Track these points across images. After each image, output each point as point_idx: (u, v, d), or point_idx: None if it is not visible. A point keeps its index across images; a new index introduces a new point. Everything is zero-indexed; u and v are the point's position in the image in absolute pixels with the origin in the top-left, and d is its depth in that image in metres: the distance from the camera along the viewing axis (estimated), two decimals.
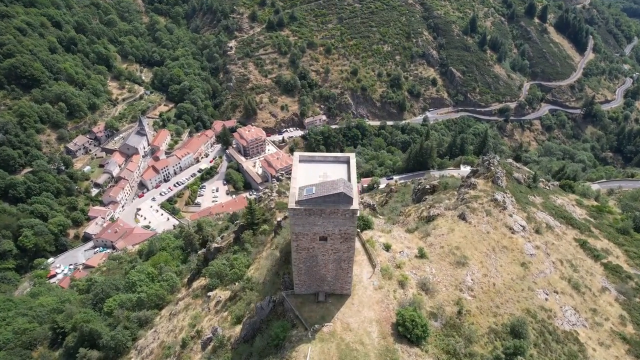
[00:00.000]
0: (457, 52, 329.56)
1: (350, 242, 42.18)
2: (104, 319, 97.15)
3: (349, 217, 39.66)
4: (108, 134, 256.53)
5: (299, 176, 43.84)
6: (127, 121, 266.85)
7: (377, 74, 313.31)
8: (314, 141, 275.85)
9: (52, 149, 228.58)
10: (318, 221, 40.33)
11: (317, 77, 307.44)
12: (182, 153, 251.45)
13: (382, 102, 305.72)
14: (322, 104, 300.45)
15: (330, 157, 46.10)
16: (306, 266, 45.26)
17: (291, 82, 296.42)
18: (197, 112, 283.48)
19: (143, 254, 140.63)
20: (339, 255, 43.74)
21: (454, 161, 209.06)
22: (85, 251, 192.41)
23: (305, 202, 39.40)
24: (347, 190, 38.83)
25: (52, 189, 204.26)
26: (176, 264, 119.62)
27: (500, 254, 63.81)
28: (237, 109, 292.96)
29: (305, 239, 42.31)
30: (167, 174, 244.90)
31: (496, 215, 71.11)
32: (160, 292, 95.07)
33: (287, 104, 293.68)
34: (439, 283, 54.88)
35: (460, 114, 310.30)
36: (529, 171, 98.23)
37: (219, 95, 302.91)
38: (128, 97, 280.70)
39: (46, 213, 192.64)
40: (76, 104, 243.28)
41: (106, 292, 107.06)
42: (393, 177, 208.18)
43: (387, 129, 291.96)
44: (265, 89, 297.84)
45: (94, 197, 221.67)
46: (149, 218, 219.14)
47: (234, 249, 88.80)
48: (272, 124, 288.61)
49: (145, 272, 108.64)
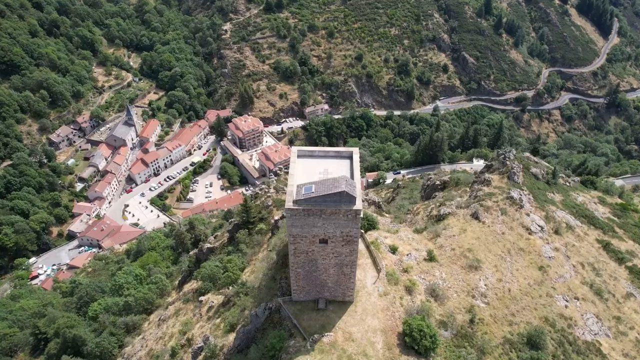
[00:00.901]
0: (471, 36, 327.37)
1: (353, 245, 41.60)
2: (89, 324, 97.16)
3: (351, 218, 39.06)
4: (93, 125, 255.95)
5: (297, 173, 43.11)
6: (114, 110, 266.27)
7: (383, 59, 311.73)
8: (315, 132, 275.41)
9: (33, 140, 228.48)
10: (318, 222, 39.75)
11: (318, 63, 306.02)
12: (173, 145, 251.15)
13: (389, 90, 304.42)
14: (324, 92, 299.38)
15: (331, 152, 45.36)
16: (305, 271, 44.72)
17: (291, 68, 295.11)
18: (190, 101, 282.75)
19: (131, 254, 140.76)
20: (341, 259, 43.18)
21: (467, 154, 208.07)
22: (69, 250, 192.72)
23: (303, 202, 38.78)
24: (349, 189, 38.17)
25: (34, 184, 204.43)
26: (166, 265, 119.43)
27: (516, 256, 63.13)
28: (233, 97, 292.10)
29: (303, 241, 41.74)
30: (157, 167, 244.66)
31: (512, 215, 70.36)
32: (148, 295, 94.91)
33: (286, 92, 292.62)
34: (449, 289, 54.27)
35: (473, 103, 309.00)
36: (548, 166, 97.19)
37: (212, 83, 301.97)
38: (115, 84, 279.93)
39: (27, 209, 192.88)
40: (59, 91, 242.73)
41: (91, 295, 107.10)
42: (400, 171, 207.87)
43: (394, 119, 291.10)
44: (263, 75, 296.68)
45: (79, 193, 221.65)
46: (138, 215, 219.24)
47: (228, 249, 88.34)
48: (270, 114, 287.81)
49: (133, 273, 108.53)
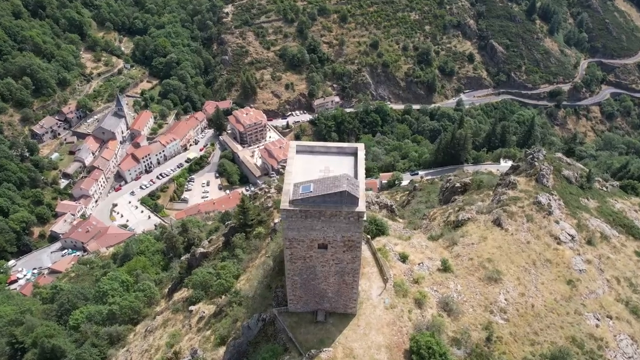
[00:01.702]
0: (500, 22, 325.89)
1: (356, 251, 41.69)
2: (70, 333, 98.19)
3: (353, 221, 39.14)
4: (80, 115, 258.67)
5: (296, 170, 43.17)
6: (102, 100, 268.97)
7: (402, 47, 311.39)
8: (324, 127, 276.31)
9: (14, 131, 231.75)
10: (316, 225, 39.88)
11: (329, 51, 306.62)
12: (167, 139, 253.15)
13: (407, 81, 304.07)
14: (335, 83, 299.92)
15: (333, 148, 45.42)
16: (302, 279, 44.84)
17: (298, 56, 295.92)
18: (186, 91, 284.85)
19: (117, 258, 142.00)
20: (342, 266, 43.28)
21: (493, 154, 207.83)
22: (51, 253, 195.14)
23: (300, 202, 38.93)
24: (351, 189, 38.27)
25: (14, 179, 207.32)
26: (155, 271, 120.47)
27: (542, 268, 62.80)
28: (234, 87, 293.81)
29: (300, 246, 41.89)
30: (149, 163, 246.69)
31: (539, 222, 69.99)
32: (135, 304, 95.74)
33: (292, 83, 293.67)
34: (464, 303, 54.13)
35: (501, 97, 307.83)
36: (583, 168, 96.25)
37: (212, 71, 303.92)
38: (104, 71, 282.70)
39: (7, 207, 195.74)
40: (43, 78, 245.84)
41: (73, 302, 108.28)
42: (418, 172, 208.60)
43: (412, 114, 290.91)
44: (267, 63, 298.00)
45: (63, 190, 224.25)
46: (127, 216, 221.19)
47: (222, 255, 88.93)
48: (274, 106, 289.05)
49: (118, 279, 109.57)
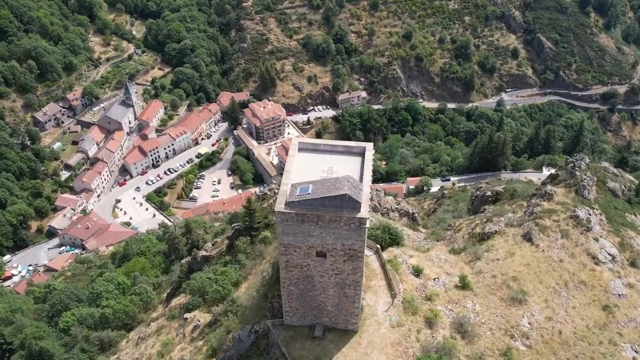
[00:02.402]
0: (549, 15, 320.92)
1: (357, 262, 41.55)
2: (60, 336, 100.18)
3: (354, 228, 39.00)
4: (86, 103, 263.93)
5: (296, 169, 43.50)
6: (110, 87, 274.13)
7: (437, 39, 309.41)
8: (348, 125, 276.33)
9: (16, 118, 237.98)
10: (314, 231, 39.93)
11: (357, 41, 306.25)
12: (177, 132, 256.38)
13: (442, 77, 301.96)
14: (362, 77, 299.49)
15: (339, 147, 45.61)
16: (299, 289, 44.91)
17: (323, 45, 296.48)
18: (200, 80, 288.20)
19: (116, 258, 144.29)
20: (343, 277, 43.20)
21: (535, 161, 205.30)
22: (48, 249, 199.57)
23: (297, 205, 39.02)
24: (353, 192, 38.14)
25: (14, 169, 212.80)
26: (155, 273, 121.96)
27: (574, 291, 61.71)
28: (251, 78, 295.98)
29: (297, 253, 41.99)
30: (156, 157, 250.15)
31: (575, 238, 68.85)
32: (129, 308, 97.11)
33: (316, 75, 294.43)
34: (482, 324, 53.46)
35: (548, 98, 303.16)
36: (633, 180, 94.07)
37: (228, 60, 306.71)
38: (114, 56, 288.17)
39: (5, 198, 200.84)
40: (49, 62, 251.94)
41: (65, 303, 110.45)
42: (450, 178, 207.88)
43: (447, 113, 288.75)
44: (289, 53, 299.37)
45: (64, 183, 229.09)
46: (131, 213, 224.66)
47: (224, 259, 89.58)
48: (295, 100, 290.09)
49: (115, 281, 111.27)
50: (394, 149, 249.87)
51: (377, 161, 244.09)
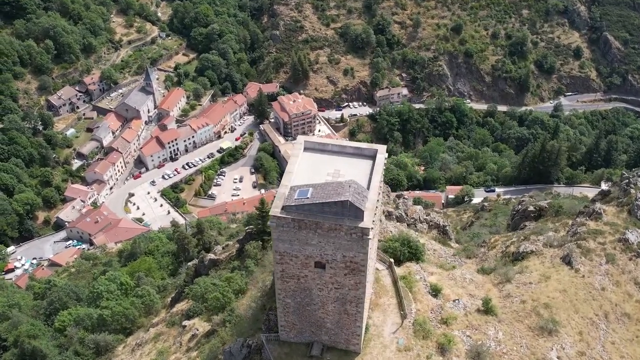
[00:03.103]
0: (619, 11, 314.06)
1: (359, 276, 41.20)
2: (55, 336, 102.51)
3: (356, 239, 38.68)
4: (103, 88, 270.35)
5: (298, 171, 43.50)
6: (130, 72, 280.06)
7: (490, 34, 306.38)
8: (386, 124, 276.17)
9: (30, 101, 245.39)
10: (312, 239, 39.78)
11: (401, 33, 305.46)
12: (199, 123, 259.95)
13: (494, 76, 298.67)
14: (404, 72, 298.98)
15: (349, 148, 45.43)
16: (295, 302, 44.83)
17: (363, 36, 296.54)
18: (227, 68, 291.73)
19: (123, 256, 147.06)
20: (343, 292, 42.92)
21: (593, 175, 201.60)
22: (54, 243, 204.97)
23: (294, 209, 38.97)
24: (355, 199, 37.86)
25: (24, 155, 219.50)
26: (162, 275, 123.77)
27: (615, 324, 59.99)
28: (282, 68, 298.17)
29: (293, 262, 41.94)
30: (175, 150, 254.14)
31: (622, 265, 67.07)
32: (129, 311, 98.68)
33: (353, 68, 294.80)
34: (503, 355, 52.38)
35: (613, 104, 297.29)
36: None
37: (258, 47, 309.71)
38: (136, 39, 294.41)
39: (12, 186, 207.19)
40: (67, 43, 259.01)
41: (63, 301, 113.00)
42: (495, 189, 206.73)
43: (497, 116, 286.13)
44: (325, 43, 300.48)
45: (75, 172, 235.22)
46: (144, 208, 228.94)
47: (232, 264, 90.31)
48: (328, 94, 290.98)
49: (117, 281, 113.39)
50: (434, 154, 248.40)
51: (415, 166, 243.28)
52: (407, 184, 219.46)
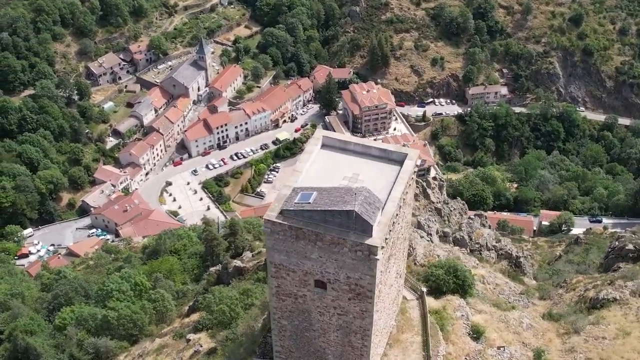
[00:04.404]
0: None
1: (366, 303, 40.62)
2: (53, 334, 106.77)
3: (362, 258, 38.13)
4: (150, 58, 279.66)
5: (310, 170, 43.52)
6: (182, 43, 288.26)
7: (618, 29, 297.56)
8: (477, 128, 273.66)
9: (67, 66, 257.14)
10: (312, 252, 39.53)
11: (506, 19, 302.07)
12: (254, 108, 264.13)
13: (617, 81, 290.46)
14: (505, 67, 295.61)
15: (375, 150, 45.02)
16: (292, 326, 44.75)
17: (459, 20, 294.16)
18: (294, 47, 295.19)
19: (145, 252, 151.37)
20: (347, 321, 42.54)
21: None
22: (76, 229, 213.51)
23: (293, 215, 38.88)
24: (364, 210, 37.35)
25: (53, 127, 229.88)
26: (183, 279, 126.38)
27: None
28: (359, 51, 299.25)
29: (290, 277, 41.87)
30: (224, 136, 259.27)
31: None
32: (138, 316, 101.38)
33: (443, 57, 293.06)
34: None
35: None
36: None
37: (334, 25, 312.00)
38: (193, 4, 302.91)
39: (37, 160, 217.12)
40: (114, 4, 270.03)
41: (68, 296, 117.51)
42: (601, 219, 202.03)
43: (616, 131, 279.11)
44: (413, 25, 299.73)
45: (108, 151, 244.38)
46: (181, 201, 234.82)
47: (258, 275, 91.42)
48: (411, 87, 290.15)
49: (132, 280, 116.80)
50: (531, 169, 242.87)
51: (506, 182, 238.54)
52: (493, 203, 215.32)
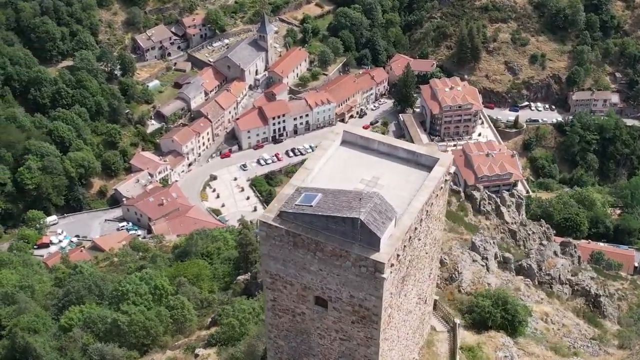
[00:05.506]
0: None
1: (371, 328, 40.11)
2: (57, 335, 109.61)
3: (366, 275, 37.53)
4: (205, 34, 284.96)
5: (323, 169, 43.59)
6: (243, 19, 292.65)
7: None
8: (578, 140, 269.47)
9: (112, 37, 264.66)
10: (311, 263, 39.20)
11: (624, 14, 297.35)
12: (318, 98, 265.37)
13: None
14: (618, 71, 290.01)
15: (402, 151, 44.52)
16: (290, 348, 44.64)
17: (567, 12, 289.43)
18: (369, 31, 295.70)
19: (175, 252, 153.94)
20: (350, 347, 42.12)
21: None
22: (105, 221, 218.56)
23: (292, 218, 38.73)
24: (372, 219, 36.75)
25: (91, 104, 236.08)
26: (211, 287, 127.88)
27: None
28: (445, 41, 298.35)
29: (288, 290, 41.72)
30: (280, 129, 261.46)
31: None
32: (152, 324, 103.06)
33: (545, 55, 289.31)
34: None
35: None
36: None
37: (418, 9, 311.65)
38: None
39: (69, 140, 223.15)
40: None
41: (80, 294, 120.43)
42: None
43: None
44: (511, 14, 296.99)
45: (149, 136, 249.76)
46: (225, 198, 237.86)
47: None
48: (503, 87, 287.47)
49: (152, 283, 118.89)
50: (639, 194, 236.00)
51: (607, 207, 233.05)
52: (588, 230, 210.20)
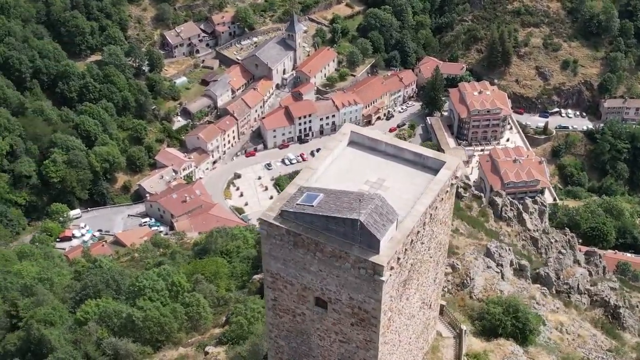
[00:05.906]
0: None
1: (370, 332, 40.03)
2: (73, 328, 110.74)
3: (365, 278, 37.46)
4: (234, 32, 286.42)
5: (328, 169, 43.65)
6: (273, 18, 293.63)
7: None
8: (609, 148, 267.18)
9: (141, 32, 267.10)
10: (311, 264, 39.23)
11: None
12: (345, 99, 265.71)
13: None
14: None
15: (408, 153, 44.44)
16: (290, 348, 44.64)
17: (601, 17, 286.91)
18: (399, 33, 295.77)
19: (194, 249, 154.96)
20: (350, 350, 42.00)
21: None
22: (128, 216, 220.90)
23: (292, 217, 38.77)
24: (372, 221, 36.64)
25: (118, 99, 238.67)
26: (228, 285, 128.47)
27: None
28: (476, 45, 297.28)
29: (288, 291, 41.82)
30: (306, 129, 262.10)
31: None
32: (166, 320, 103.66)
33: (577, 61, 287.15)
34: None
35: None
36: None
37: (449, 11, 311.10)
38: None
39: (95, 134, 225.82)
40: None
41: (97, 288, 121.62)
42: None
43: None
44: (543, 19, 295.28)
45: (174, 133, 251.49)
46: (248, 197, 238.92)
47: None
48: (533, 92, 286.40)
49: (169, 279, 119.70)
50: None
51: (636, 218, 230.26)
52: (616, 241, 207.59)
